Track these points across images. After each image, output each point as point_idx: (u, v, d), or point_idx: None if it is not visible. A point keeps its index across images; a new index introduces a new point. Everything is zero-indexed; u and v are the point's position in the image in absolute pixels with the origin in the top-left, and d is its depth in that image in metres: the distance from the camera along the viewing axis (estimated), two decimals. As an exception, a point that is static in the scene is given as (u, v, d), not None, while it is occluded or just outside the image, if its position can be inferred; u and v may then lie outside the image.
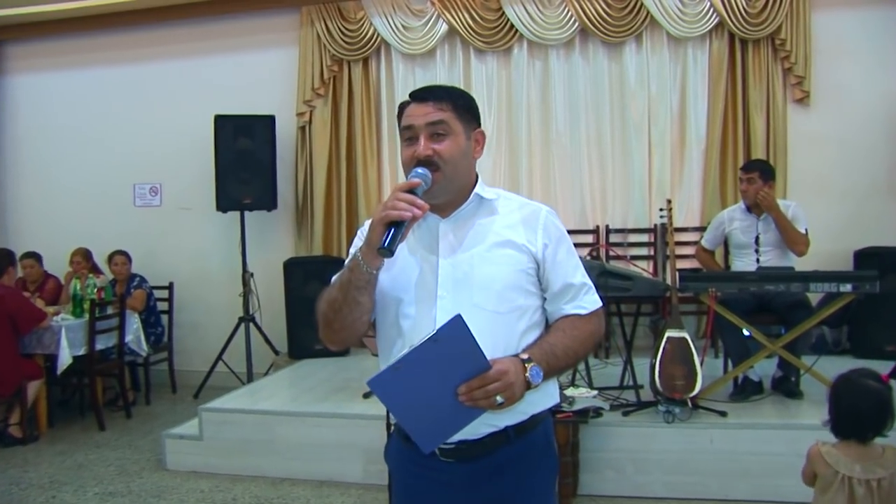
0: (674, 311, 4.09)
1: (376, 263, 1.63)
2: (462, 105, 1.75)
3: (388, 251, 1.56)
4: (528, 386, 1.58)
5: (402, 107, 1.77)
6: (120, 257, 6.26)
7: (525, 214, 1.77)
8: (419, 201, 1.60)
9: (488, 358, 1.54)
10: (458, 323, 1.43)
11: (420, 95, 1.74)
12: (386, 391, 1.50)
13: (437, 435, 1.59)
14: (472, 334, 1.45)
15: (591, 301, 1.78)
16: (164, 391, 6.44)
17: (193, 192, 6.70)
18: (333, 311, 1.70)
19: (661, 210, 4.61)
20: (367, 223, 1.79)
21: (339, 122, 6.45)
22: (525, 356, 1.61)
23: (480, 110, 1.83)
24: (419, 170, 1.68)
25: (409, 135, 1.73)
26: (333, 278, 1.77)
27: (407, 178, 1.69)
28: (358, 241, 1.81)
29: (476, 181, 1.80)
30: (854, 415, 2.37)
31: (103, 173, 6.98)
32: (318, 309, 1.75)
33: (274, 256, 6.41)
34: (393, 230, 1.56)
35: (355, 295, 1.67)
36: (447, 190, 1.73)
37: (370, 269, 1.64)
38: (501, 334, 1.67)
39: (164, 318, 6.53)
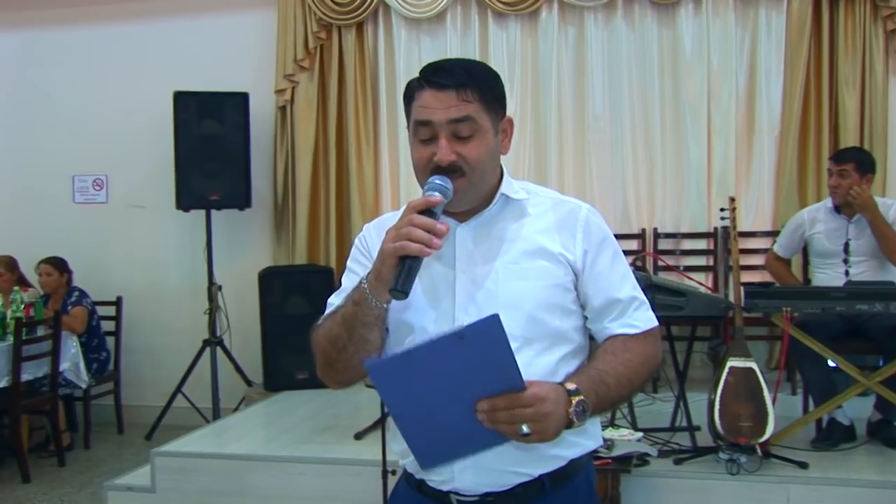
0: (738, 336, 4.05)
1: (387, 297, 1.62)
2: (490, 92, 1.72)
3: (402, 293, 1.57)
4: (570, 425, 1.55)
5: (412, 90, 1.73)
6: (46, 266, 6.25)
7: (561, 215, 1.77)
8: (439, 226, 1.58)
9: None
10: (493, 324, 1.42)
11: (438, 80, 1.68)
12: (387, 382, 1.49)
13: (441, 452, 1.59)
14: (508, 344, 1.44)
15: (644, 318, 1.77)
16: (108, 432, 6.44)
17: (148, 186, 6.72)
18: (336, 351, 1.70)
19: (722, 210, 4.59)
20: (367, 228, 1.83)
21: (327, 102, 6.46)
22: (572, 386, 1.57)
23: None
24: (437, 180, 1.65)
25: (425, 134, 1.69)
26: (333, 300, 1.77)
27: (421, 184, 1.68)
28: (359, 256, 1.82)
29: (501, 177, 1.80)
30: None
31: (34, 162, 7.02)
32: (315, 343, 1.75)
33: (247, 266, 6.42)
34: (407, 264, 1.56)
35: (363, 332, 1.66)
36: (471, 198, 1.73)
37: (380, 304, 1.63)
38: (532, 365, 1.65)
39: (110, 340, 6.54)
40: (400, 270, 1.56)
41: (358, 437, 4.53)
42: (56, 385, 5.70)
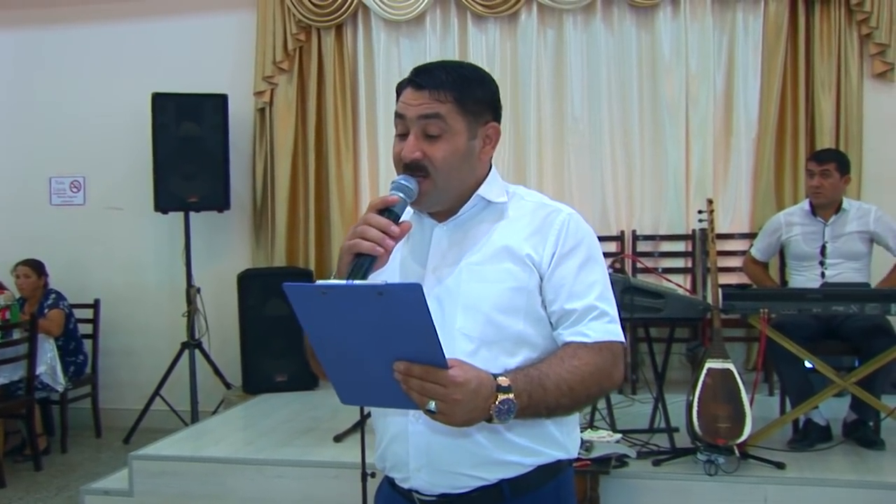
0: (716, 337, 4.07)
1: None
2: (470, 95, 1.72)
3: None
4: (490, 420, 1.51)
5: (400, 87, 1.77)
6: (24, 268, 6.21)
7: (539, 219, 1.76)
8: (394, 227, 1.60)
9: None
10: (413, 291, 1.40)
11: (417, 79, 1.73)
12: (304, 308, 1.48)
13: (360, 394, 1.61)
14: (428, 316, 1.41)
15: (599, 329, 1.69)
16: (85, 435, 6.40)
17: (126, 188, 6.68)
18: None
19: (700, 212, 4.60)
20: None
21: (306, 104, 6.45)
22: (505, 382, 1.51)
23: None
24: (401, 179, 1.68)
25: (400, 128, 1.74)
26: None
27: (395, 179, 1.70)
28: None
29: (484, 179, 1.79)
30: None
31: (11, 164, 6.95)
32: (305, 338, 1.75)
33: (226, 268, 6.40)
34: (360, 262, 1.58)
35: None
36: (438, 200, 1.74)
37: None
38: (491, 368, 1.59)
39: (88, 343, 6.50)
40: (353, 267, 1.57)
41: (337, 439, 4.54)
42: (32, 388, 5.65)
